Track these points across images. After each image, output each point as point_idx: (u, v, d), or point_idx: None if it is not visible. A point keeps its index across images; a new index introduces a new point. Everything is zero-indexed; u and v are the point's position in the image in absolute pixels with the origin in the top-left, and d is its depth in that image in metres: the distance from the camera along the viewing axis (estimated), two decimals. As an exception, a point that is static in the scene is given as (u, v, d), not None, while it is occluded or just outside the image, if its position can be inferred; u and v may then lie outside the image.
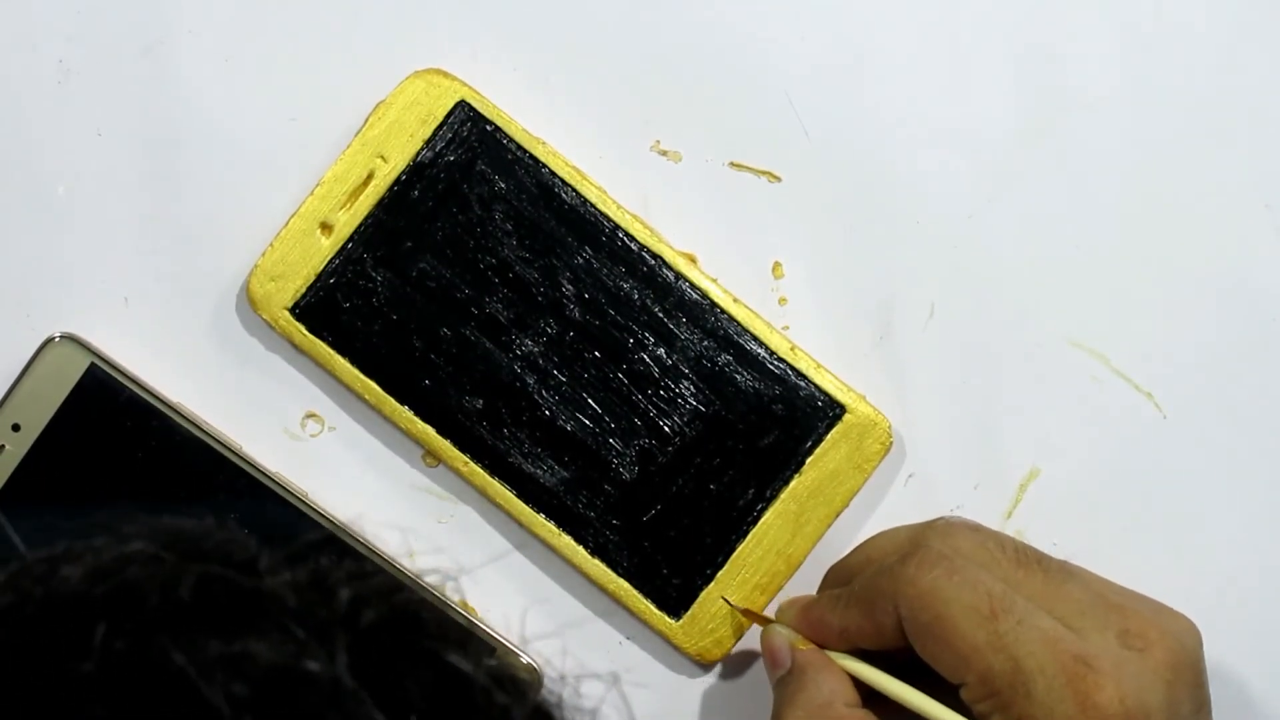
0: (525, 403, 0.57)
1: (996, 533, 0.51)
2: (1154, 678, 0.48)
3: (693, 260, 0.57)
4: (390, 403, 0.56)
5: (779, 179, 0.58)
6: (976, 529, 0.51)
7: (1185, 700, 0.48)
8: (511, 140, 0.57)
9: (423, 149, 0.57)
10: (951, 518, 0.53)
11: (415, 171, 0.57)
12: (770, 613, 0.56)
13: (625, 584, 0.57)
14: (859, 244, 0.58)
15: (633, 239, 0.57)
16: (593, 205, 0.57)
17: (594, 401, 0.57)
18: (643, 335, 0.57)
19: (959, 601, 0.49)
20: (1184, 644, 0.49)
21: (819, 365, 0.57)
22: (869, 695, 0.52)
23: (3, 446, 0.55)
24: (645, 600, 0.57)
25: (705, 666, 0.58)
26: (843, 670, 0.52)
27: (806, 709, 0.51)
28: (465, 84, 0.57)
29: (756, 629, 0.57)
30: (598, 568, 0.57)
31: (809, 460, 0.57)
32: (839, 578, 0.54)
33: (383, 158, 0.57)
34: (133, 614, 0.33)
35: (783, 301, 0.58)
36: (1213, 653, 0.57)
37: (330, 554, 0.57)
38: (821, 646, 0.53)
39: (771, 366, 0.57)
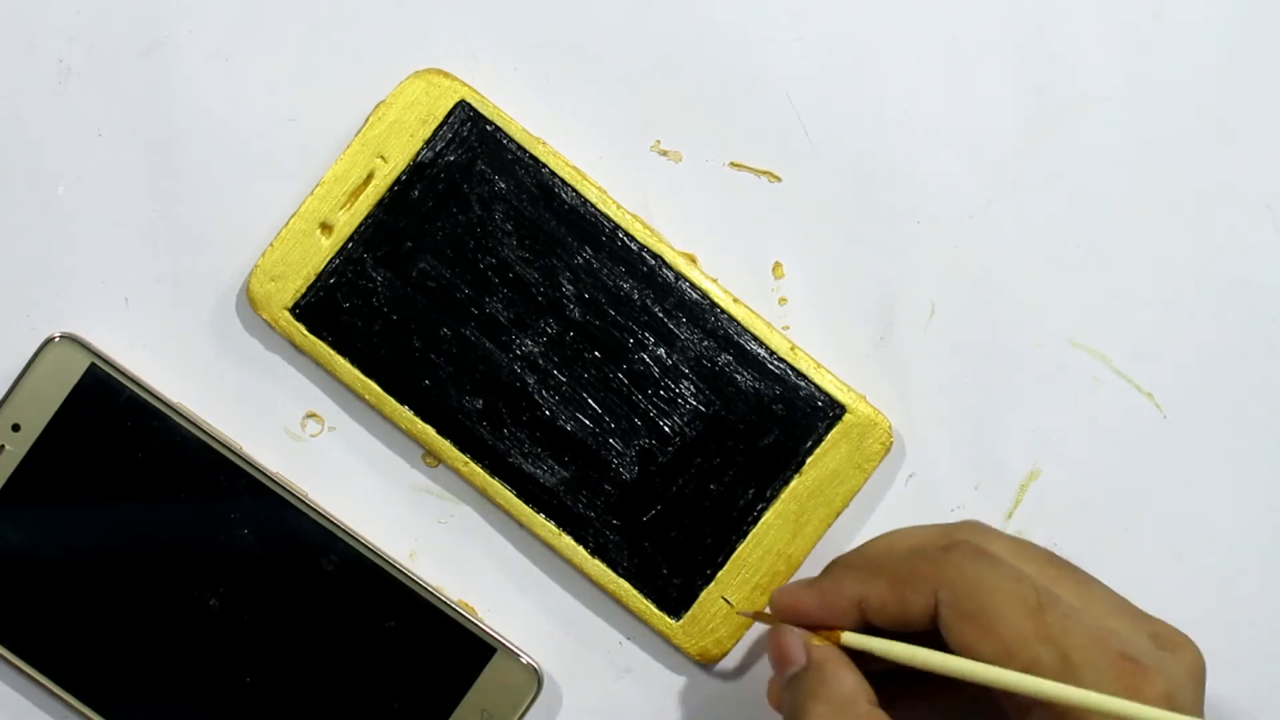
0: (525, 403, 0.57)
1: (1024, 539, 0.52)
2: (1189, 679, 0.48)
3: (693, 260, 0.57)
4: (390, 403, 0.57)
5: (779, 179, 0.58)
6: (1004, 533, 0.52)
7: (1202, 704, 0.49)
8: (511, 140, 0.57)
9: (423, 149, 0.57)
10: (978, 522, 0.53)
11: (415, 171, 0.57)
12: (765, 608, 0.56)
13: (625, 584, 0.57)
14: (859, 244, 0.58)
15: (633, 239, 0.57)
16: (593, 205, 0.57)
17: (594, 401, 0.57)
18: (643, 335, 0.57)
19: (1005, 592, 0.49)
20: (1199, 652, 0.49)
21: (819, 365, 0.57)
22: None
23: (3, 447, 0.55)
24: (645, 600, 0.57)
25: (705, 666, 0.58)
26: (858, 669, 0.51)
27: (831, 703, 0.50)
28: (465, 84, 0.57)
29: (758, 628, 0.57)
30: (598, 568, 0.57)
31: (809, 460, 0.57)
32: (856, 564, 0.54)
33: (383, 158, 0.57)
34: None
35: (783, 301, 0.58)
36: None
37: (329, 554, 0.57)
38: (826, 619, 0.52)
39: (771, 366, 0.57)
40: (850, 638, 0.51)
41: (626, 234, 0.57)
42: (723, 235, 0.58)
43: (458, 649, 0.56)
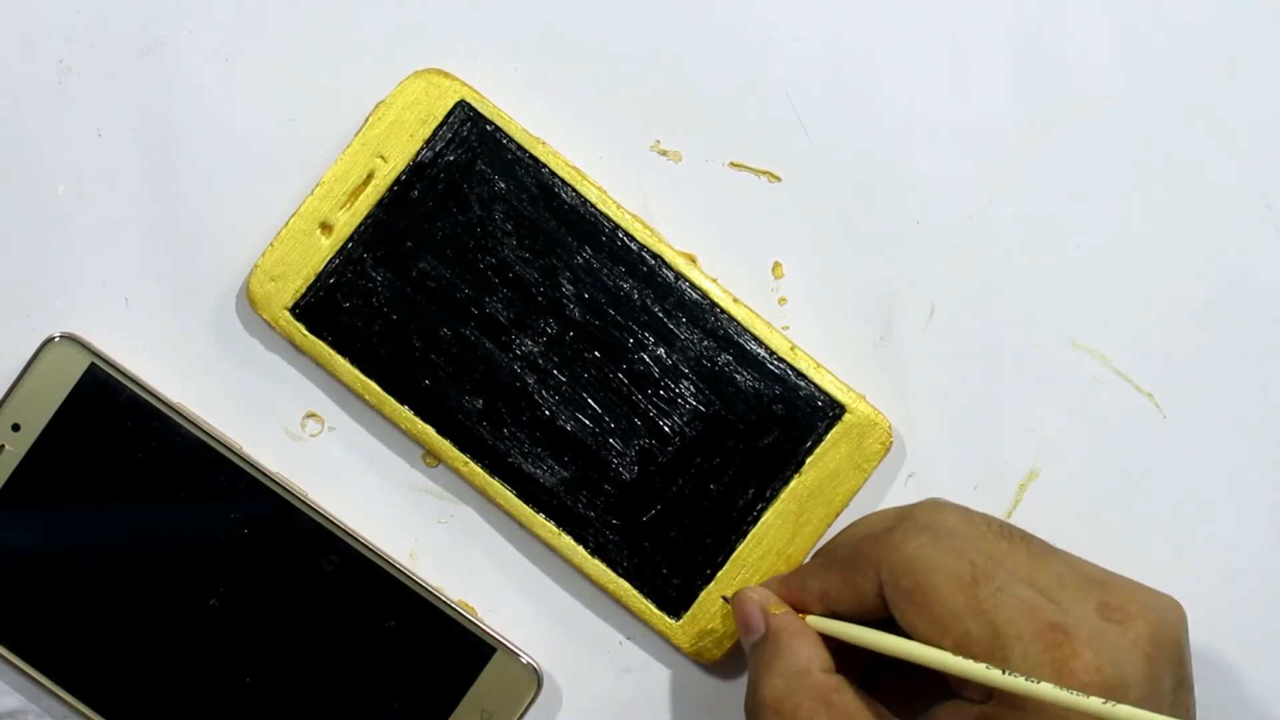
0: (525, 403, 0.57)
1: (981, 512, 0.52)
2: (1133, 650, 0.48)
3: (693, 260, 0.57)
4: (390, 403, 0.57)
5: (779, 179, 0.58)
6: (962, 508, 0.52)
7: (1165, 675, 0.49)
8: (511, 140, 0.57)
9: (423, 149, 0.57)
10: (939, 498, 0.53)
11: (415, 171, 0.57)
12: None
13: (625, 584, 0.57)
14: (859, 244, 0.58)
15: (633, 239, 0.57)
16: (593, 205, 0.57)
17: (594, 401, 0.57)
18: (643, 335, 0.57)
19: (941, 568, 0.49)
20: (1165, 619, 0.49)
21: (819, 365, 0.57)
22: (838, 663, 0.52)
23: (3, 446, 0.55)
24: (645, 600, 0.57)
25: (705, 666, 0.58)
26: (817, 634, 0.52)
27: (784, 676, 0.51)
28: (465, 84, 0.57)
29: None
30: (598, 568, 0.57)
31: (809, 460, 0.57)
32: (825, 554, 0.55)
33: (383, 158, 0.57)
34: None
35: (783, 301, 0.58)
36: (1212, 651, 0.57)
37: (329, 554, 0.57)
38: (799, 611, 0.53)
39: (771, 366, 0.57)
40: (814, 621, 0.52)
41: (626, 234, 0.57)
42: (723, 235, 0.58)
43: (458, 649, 0.56)
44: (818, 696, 0.50)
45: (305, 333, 0.57)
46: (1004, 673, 0.47)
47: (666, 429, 0.57)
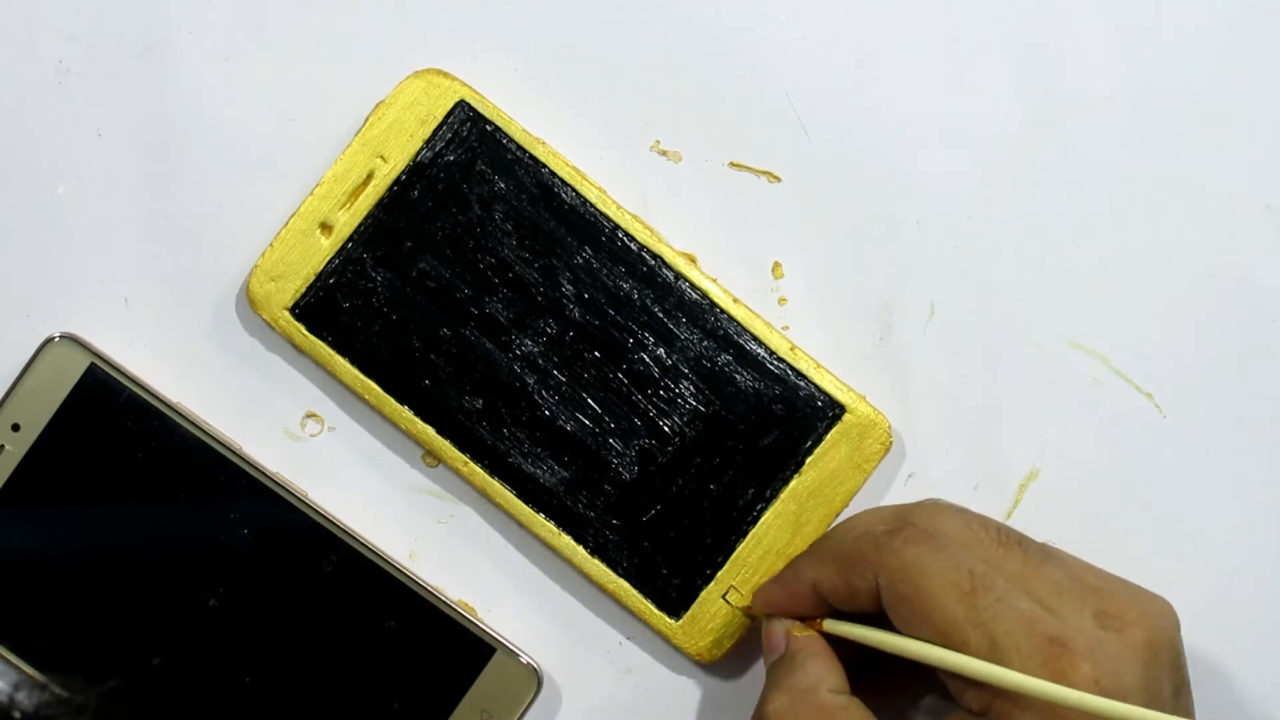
0: (525, 403, 0.57)
1: (980, 514, 0.52)
2: (1131, 658, 0.48)
3: (693, 260, 0.57)
4: (390, 403, 0.57)
5: (779, 179, 0.58)
6: (961, 510, 0.52)
7: (1164, 681, 0.49)
8: (511, 140, 0.57)
9: (423, 149, 0.57)
10: (938, 499, 0.54)
11: (415, 171, 0.57)
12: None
13: (625, 584, 0.57)
14: (859, 244, 0.58)
15: (633, 239, 0.57)
16: (592, 205, 0.57)
17: (594, 401, 0.57)
18: (643, 335, 0.57)
19: (940, 577, 0.49)
20: (1161, 625, 0.49)
21: (819, 365, 0.57)
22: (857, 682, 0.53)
23: (3, 447, 0.55)
24: (645, 600, 0.57)
25: (705, 666, 0.58)
26: (834, 658, 0.52)
27: (790, 693, 0.52)
28: (465, 84, 0.57)
29: (757, 627, 0.57)
30: (598, 568, 0.57)
31: (809, 460, 0.57)
32: (821, 546, 0.55)
33: (383, 158, 0.57)
34: None
35: (783, 301, 0.58)
36: (1211, 652, 0.57)
37: (329, 554, 0.57)
38: (793, 605, 0.54)
39: (771, 366, 0.57)
40: (831, 625, 0.53)
41: (626, 234, 0.57)
42: (723, 235, 0.58)
43: (458, 649, 0.56)
44: (821, 715, 0.50)
45: (305, 333, 0.57)
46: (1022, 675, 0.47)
47: (666, 429, 0.57)
